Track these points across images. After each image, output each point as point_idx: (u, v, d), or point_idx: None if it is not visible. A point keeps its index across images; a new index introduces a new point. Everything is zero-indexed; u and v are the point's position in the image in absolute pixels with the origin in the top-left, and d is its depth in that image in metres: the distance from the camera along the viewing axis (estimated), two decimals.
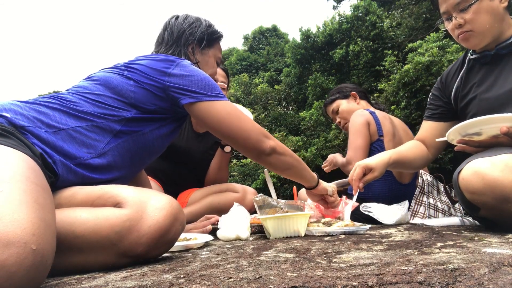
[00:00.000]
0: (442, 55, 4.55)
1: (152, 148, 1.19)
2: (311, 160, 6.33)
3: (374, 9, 7.00)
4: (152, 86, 1.14)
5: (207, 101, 1.17)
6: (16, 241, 0.57)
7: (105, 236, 0.80)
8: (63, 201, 0.91)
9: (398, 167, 1.59)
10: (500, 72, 1.33)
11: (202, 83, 1.18)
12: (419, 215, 1.74)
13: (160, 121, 1.18)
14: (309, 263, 0.74)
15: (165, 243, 0.88)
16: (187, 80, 1.16)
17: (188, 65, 1.20)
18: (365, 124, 2.00)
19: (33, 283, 0.60)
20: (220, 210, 1.72)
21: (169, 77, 1.15)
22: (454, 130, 1.21)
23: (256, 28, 15.61)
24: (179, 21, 1.41)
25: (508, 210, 1.00)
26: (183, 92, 1.15)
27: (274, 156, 1.26)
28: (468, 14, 1.30)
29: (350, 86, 2.42)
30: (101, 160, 1.04)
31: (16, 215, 0.61)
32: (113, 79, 1.14)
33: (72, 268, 0.82)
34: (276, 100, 8.76)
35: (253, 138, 1.21)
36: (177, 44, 1.38)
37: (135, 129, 1.12)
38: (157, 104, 1.15)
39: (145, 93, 1.13)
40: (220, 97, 1.20)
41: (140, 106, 1.13)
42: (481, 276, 0.54)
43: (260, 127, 1.26)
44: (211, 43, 1.46)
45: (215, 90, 1.19)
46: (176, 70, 1.16)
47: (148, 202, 0.86)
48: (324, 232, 1.30)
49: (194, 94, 1.15)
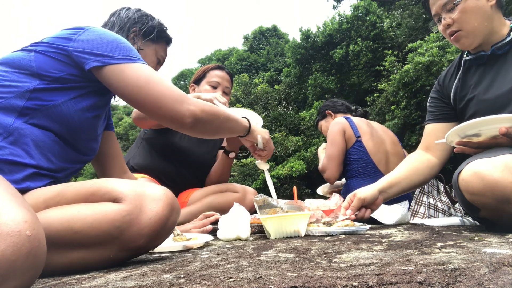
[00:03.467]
0: (442, 55, 4.56)
1: (73, 123, 1.04)
2: (311, 160, 6.34)
3: (374, 9, 7.01)
4: (55, 53, 1.02)
5: (116, 64, 1.02)
6: (10, 231, 0.57)
7: (105, 230, 0.81)
8: (50, 202, 0.88)
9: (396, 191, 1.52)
10: (497, 73, 1.33)
11: (111, 45, 1.04)
12: (419, 215, 1.74)
13: (74, 91, 1.04)
14: (309, 263, 0.74)
15: (164, 233, 0.90)
16: (94, 43, 1.03)
17: (97, 29, 1.07)
18: (339, 131, 2.13)
19: (33, 270, 0.59)
20: (220, 210, 1.72)
21: (74, 42, 1.03)
22: (453, 131, 1.21)
23: (256, 28, 15.61)
24: (131, 10, 1.39)
25: (508, 211, 1.00)
26: (87, 56, 1.02)
27: (199, 126, 1.11)
28: (455, 14, 1.32)
29: (326, 104, 2.60)
30: (14, 140, 0.92)
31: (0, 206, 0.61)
32: (13, 55, 1.03)
33: (72, 264, 0.83)
34: (276, 100, 8.76)
35: (168, 106, 1.04)
36: (121, 28, 1.33)
37: (43, 102, 0.98)
38: (63, 71, 1.02)
39: (47, 60, 1.01)
40: (131, 59, 1.04)
41: (44, 75, 1.00)
42: (481, 276, 0.54)
43: (179, 91, 1.08)
44: (156, 40, 1.41)
45: (127, 53, 1.05)
46: (83, 36, 1.04)
47: (145, 194, 0.87)
48: (324, 232, 1.30)
49: (99, 57, 1.02)
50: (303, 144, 6.97)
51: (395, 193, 1.51)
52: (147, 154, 2.03)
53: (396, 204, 1.73)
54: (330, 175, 2.15)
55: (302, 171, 6.32)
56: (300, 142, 6.94)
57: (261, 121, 1.94)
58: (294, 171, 6.32)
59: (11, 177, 0.89)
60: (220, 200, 1.96)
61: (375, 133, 2.19)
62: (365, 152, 2.10)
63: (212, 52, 17.00)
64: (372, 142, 2.12)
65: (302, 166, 6.32)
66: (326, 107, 2.55)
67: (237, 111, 1.89)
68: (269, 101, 8.66)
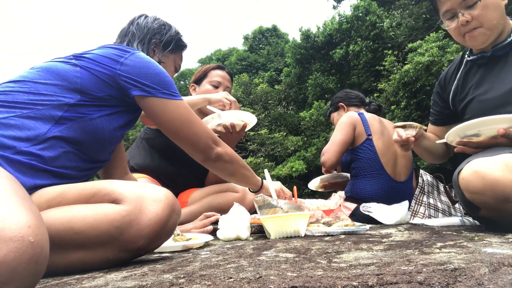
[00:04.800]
0: (442, 55, 4.55)
1: (103, 137, 1.09)
2: (311, 160, 6.34)
3: (374, 9, 7.01)
4: (101, 72, 1.06)
5: (160, 98, 1.12)
6: (13, 236, 0.56)
7: (105, 231, 0.82)
8: (52, 203, 0.89)
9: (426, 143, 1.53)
10: (497, 74, 1.33)
11: (157, 78, 1.12)
12: (419, 215, 1.74)
13: (109, 108, 1.09)
14: (309, 263, 0.74)
15: (164, 234, 0.90)
16: (141, 71, 1.10)
17: (143, 57, 1.13)
18: (349, 123, 2.07)
19: (34, 276, 0.59)
20: (220, 210, 1.72)
21: (121, 65, 1.07)
22: (453, 132, 1.21)
23: (256, 28, 15.61)
24: (149, 20, 1.39)
25: (508, 210, 1.00)
26: (134, 83, 1.08)
27: (219, 163, 1.28)
28: (477, 10, 1.28)
29: (340, 96, 2.47)
30: (45, 147, 0.96)
31: (5, 210, 0.60)
32: (57, 66, 1.06)
33: (72, 265, 0.83)
34: (276, 100, 8.76)
35: (202, 143, 1.22)
36: (142, 39, 1.34)
37: (80, 114, 1.03)
38: (105, 92, 1.07)
39: (93, 78, 1.05)
40: (174, 96, 1.15)
41: (86, 93, 1.04)
42: (481, 276, 0.54)
43: (211, 132, 1.25)
44: (174, 50, 1.45)
45: (170, 88, 1.15)
46: (129, 60, 1.09)
47: (145, 195, 0.88)
48: (324, 232, 1.30)
49: (147, 88, 1.10)
50: (303, 144, 6.97)
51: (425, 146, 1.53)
52: (147, 154, 2.02)
53: (396, 204, 1.73)
54: (327, 159, 2.05)
55: (302, 171, 6.33)
56: (300, 142, 6.94)
57: (255, 120, 1.94)
58: (294, 171, 6.32)
59: (34, 180, 0.92)
60: (220, 200, 1.96)
61: (386, 133, 2.12)
62: (374, 151, 2.05)
63: (212, 52, 17.01)
64: (382, 142, 2.06)
65: (302, 166, 6.32)
66: (339, 99, 2.43)
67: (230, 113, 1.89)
68: (269, 101, 8.66)
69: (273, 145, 7.23)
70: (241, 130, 1.90)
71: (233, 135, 1.89)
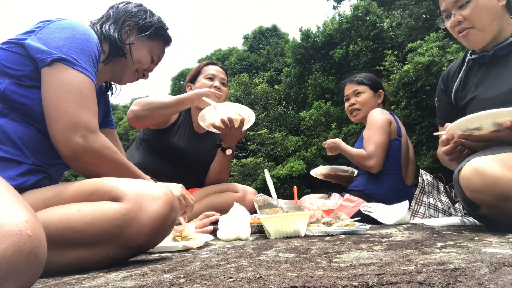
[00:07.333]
0: (442, 55, 4.55)
1: None
2: (311, 160, 6.34)
3: (374, 9, 7.00)
4: (14, 46, 0.96)
5: (47, 65, 0.93)
6: (11, 230, 0.57)
7: (105, 229, 0.82)
8: (50, 202, 0.89)
9: None
10: (498, 73, 1.33)
11: (67, 41, 0.95)
12: (419, 215, 1.74)
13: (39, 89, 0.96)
14: (309, 263, 0.74)
15: (164, 231, 0.91)
16: (49, 36, 0.94)
17: (62, 22, 0.98)
18: (388, 122, 2.06)
19: (34, 270, 0.59)
20: (220, 210, 1.72)
21: (34, 34, 0.96)
22: (455, 125, 1.21)
23: (256, 28, 15.59)
24: (130, 5, 1.35)
25: (508, 208, 1.00)
26: (39, 51, 0.93)
27: (80, 164, 0.97)
28: (467, 11, 1.32)
29: (381, 84, 2.43)
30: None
31: (1, 206, 0.61)
32: None
33: (73, 263, 0.83)
34: (276, 100, 8.75)
35: (59, 128, 0.92)
36: (116, 20, 1.28)
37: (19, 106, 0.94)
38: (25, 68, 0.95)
39: (8, 54, 0.95)
40: (71, 63, 0.94)
41: (8, 73, 0.94)
42: (482, 276, 0.54)
43: (81, 117, 0.93)
44: (153, 37, 1.34)
45: (71, 53, 0.95)
46: (46, 29, 0.97)
47: (145, 193, 0.88)
48: (324, 232, 1.30)
49: (45, 54, 0.92)
50: (303, 144, 6.97)
51: None
52: (147, 154, 2.03)
53: (396, 204, 1.73)
54: (377, 164, 1.98)
55: (302, 171, 6.32)
56: (300, 142, 6.94)
57: (253, 116, 1.94)
58: (294, 171, 6.31)
59: (6, 173, 0.89)
60: (220, 200, 1.96)
61: (405, 137, 2.17)
62: (399, 152, 2.07)
63: (212, 52, 16.98)
64: (403, 146, 2.10)
65: (302, 166, 6.32)
66: (381, 87, 2.35)
67: (230, 105, 1.89)
68: (269, 101, 8.65)
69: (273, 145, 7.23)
70: (241, 126, 1.90)
71: (233, 131, 1.89)
